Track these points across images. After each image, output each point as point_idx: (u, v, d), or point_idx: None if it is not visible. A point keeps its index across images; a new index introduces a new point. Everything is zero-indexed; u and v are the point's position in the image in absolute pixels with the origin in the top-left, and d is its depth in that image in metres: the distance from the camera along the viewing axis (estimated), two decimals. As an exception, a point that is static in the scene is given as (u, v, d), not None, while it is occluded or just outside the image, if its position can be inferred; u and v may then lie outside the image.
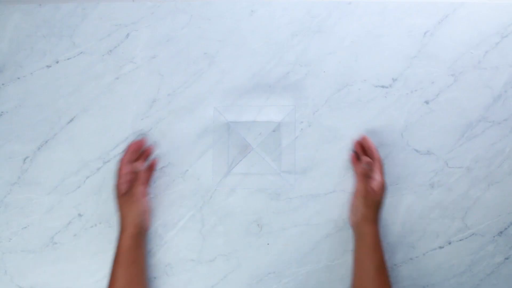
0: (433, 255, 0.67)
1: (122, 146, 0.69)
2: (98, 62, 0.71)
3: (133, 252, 0.61)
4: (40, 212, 0.68)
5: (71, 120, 0.70)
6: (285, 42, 0.71)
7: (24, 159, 0.69)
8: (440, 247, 0.67)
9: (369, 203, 0.61)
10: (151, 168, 0.67)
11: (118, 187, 0.62)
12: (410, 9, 0.71)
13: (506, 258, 0.66)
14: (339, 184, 0.67)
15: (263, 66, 0.70)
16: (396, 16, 0.71)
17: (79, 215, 0.68)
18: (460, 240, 0.67)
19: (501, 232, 0.67)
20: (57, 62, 0.71)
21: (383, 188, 0.61)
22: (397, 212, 0.67)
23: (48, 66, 0.71)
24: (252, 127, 0.69)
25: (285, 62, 0.70)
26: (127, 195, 0.62)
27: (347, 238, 0.66)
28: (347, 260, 0.66)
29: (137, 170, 0.63)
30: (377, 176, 0.61)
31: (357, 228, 0.62)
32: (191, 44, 0.71)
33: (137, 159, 0.65)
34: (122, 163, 0.63)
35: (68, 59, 0.71)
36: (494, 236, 0.67)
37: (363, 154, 0.65)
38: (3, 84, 0.71)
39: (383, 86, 0.70)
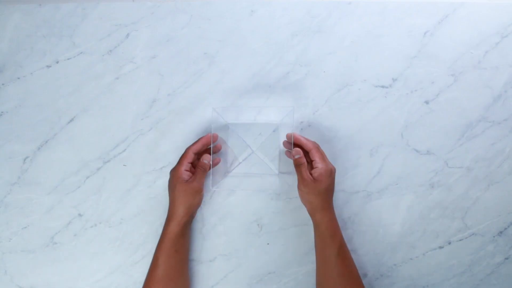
0: (433, 255, 0.67)
1: (122, 146, 0.69)
2: (98, 62, 0.71)
3: (179, 241, 0.61)
4: (40, 212, 0.68)
5: (71, 120, 0.70)
6: (285, 42, 0.71)
7: (24, 159, 0.70)
8: (440, 247, 0.67)
9: (314, 192, 0.60)
10: (213, 164, 0.67)
11: (180, 173, 0.61)
12: (410, 9, 0.71)
13: (506, 258, 0.66)
14: (339, 184, 0.67)
15: (263, 66, 0.70)
16: (396, 16, 0.71)
17: (79, 215, 0.68)
18: (460, 240, 0.67)
19: (501, 232, 0.67)
20: (57, 62, 0.71)
21: (327, 174, 0.60)
22: (397, 212, 0.67)
23: (48, 66, 0.71)
24: (251, 128, 0.69)
25: (285, 62, 0.70)
26: (191, 184, 0.61)
27: (347, 237, 0.66)
28: (347, 260, 0.66)
29: (206, 162, 0.63)
30: (317, 164, 0.60)
31: (311, 217, 0.62)
32: (191, 44, 0.71)
33: (203, 152, 0.65)
34: (189, 151, 0.63)
35: (68, 59, 0.71)
36: (494, 236, 0.67)
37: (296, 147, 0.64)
38: (3, 84, 0.71)
39: (383, 86, 0.70)
